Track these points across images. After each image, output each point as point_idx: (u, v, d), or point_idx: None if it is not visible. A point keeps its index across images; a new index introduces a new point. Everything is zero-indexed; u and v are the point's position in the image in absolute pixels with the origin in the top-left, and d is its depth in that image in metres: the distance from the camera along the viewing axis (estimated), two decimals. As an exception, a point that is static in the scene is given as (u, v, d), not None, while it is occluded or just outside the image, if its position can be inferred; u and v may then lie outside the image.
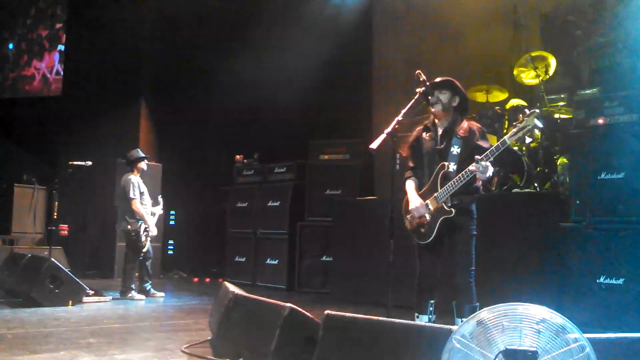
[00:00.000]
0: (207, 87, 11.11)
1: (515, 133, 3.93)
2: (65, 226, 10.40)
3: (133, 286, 7.54)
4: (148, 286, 7.70)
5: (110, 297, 7.25)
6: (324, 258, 8.14)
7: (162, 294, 7.82)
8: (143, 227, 7.53)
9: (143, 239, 7.52)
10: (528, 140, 6.72)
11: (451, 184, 4.04)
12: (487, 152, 3.93)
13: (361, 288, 7.13)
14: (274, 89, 10.14)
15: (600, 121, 5.45)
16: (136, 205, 7.51)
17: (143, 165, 7.84)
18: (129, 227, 7.54)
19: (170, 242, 10.74)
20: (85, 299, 6.86)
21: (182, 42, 11.17)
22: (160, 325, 5.71)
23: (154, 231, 7.70)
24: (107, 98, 11.29)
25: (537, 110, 3.98)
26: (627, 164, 5.18)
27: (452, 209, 4.07)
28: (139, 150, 7.96)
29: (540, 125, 3.96)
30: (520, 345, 2.39)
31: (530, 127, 3.88)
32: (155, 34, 11.30)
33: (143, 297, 7.51)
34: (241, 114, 10.48)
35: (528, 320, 2.43)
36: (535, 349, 2.36)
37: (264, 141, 10.06)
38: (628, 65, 7.16)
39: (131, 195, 7.51)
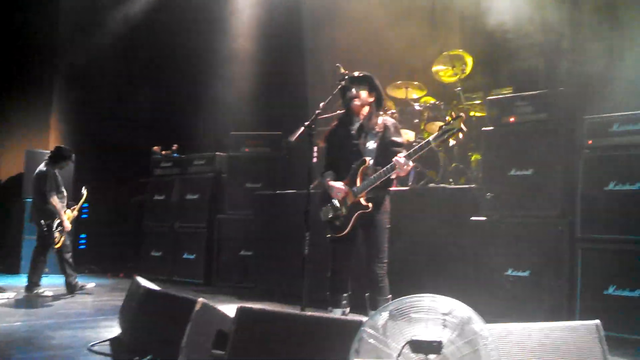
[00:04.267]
0: (123, 75, 10.73)
1: (441, 135, 4.01)
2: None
3: (40, 282, 7.21)
4: (74, 279, 7.37)
5: (14, 294, 6.88)
6: (243, 252, 8.04)
7: (93, 283, 7.54)
8: (57, 222, 7.21)
9: (56, 234, 7.19)
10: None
11: (372, 179, 4.06)
12: (411, 150, 3.99)
13: (280, 282, 7.08)
14: (195, 79, 9.93)
15: (512, 119, 5.65)
16: (53, 199, 7.19)
17: (67, 164, 7.64)
18: (42, 221, 7.20)
19: (82, 235, 10.28)
20: (-14, 295, 6.52)
21: (99, 29, 10.73)
22: (67, 323, 5.45)
23: (68, 226, 7.36)
24: (17, 85, 10.68)
25: (463, 115, 4.09)
26: (535, 161, 5.40)
27: (370, 204, 4.10)
28: (69, 149, 7.66)
29: (464, 129, 4.07)
30: (426, 336, 2.42)
31: (455, 130, 3.98)
32: (71, 20, 10.78)
33: (51, 293, 7.17)
34: (160, 103, 10.18)
35: (435, 311, 2.47)
36: (440, 339, 2.40)
37: (183, 132, 9.81)
38: (543, 68, 7.47)
39: (47, 188, 7.18)
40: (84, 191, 7.96)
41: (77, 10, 10.62)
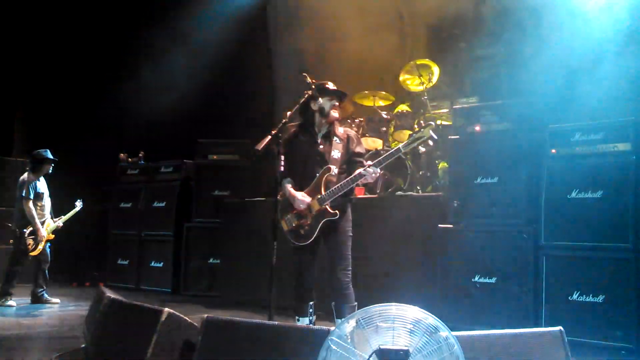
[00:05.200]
0: (90, 81, 10.54)
1: (411, 143, 4.06)
2: None
3: (12, 292, 7.09)
4: (42, 291, 7.27)
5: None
6: (211, 260, 7.98)
7: (57, 300, 7.36)
8: (30, 229, 7.10)
9: (28, 241, 7.07)
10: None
11: (338, 187, 4.09)
12: (381, 157, 4.03)
13: (248, 290, 7.05)
14: (162, 86, 9.81)
15: (477, 128, 5.73)
16: (27, 205, 7.10)
17: (47, 167, 7.44)
18: (17, 229, 7.15)
19: (47, 244, 10.02)
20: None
21: (65, 37, 10.55)
22: (31, 334, 5.35)
23: (43, 234, 7.23)
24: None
25: (433, 123, 4.14)
26: (500, 169, 5.48)
27: (337, 212, 4.12)
28: (47, 151, 7.48)
29: (435, 137, 4.13)
30: (393, 344, 2.43)
31: (425, 138, 4.04)
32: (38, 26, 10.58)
33: (14, 304, 7.00)
34: (127, 109, 10.04)
35: (402, 320, 2.48)
36: (407, 348, 2.41)
37: (150, 139, 9.68)
38: (505, 77, 7.60)
39: (23, 194, 7.13)
40: (78, 203, 7.85)
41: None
